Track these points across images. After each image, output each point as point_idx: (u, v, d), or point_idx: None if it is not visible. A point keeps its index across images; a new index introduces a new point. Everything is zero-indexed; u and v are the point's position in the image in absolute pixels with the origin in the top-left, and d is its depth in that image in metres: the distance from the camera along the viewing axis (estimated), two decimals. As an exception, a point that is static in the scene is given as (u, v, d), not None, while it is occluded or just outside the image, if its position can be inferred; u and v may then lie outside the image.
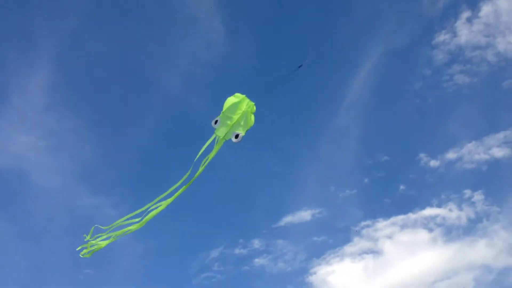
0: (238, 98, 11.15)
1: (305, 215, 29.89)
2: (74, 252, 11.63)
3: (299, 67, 11.28)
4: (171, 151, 32.15)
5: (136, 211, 11.43)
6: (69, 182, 30.46)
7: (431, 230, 28.28)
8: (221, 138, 11.13)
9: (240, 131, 10.92)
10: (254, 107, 10.98)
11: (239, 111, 11.04)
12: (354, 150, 31.71)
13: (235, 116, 11.04)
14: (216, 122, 11.24)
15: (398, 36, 31.65)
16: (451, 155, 29.27)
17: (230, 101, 11.23)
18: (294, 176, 31.73)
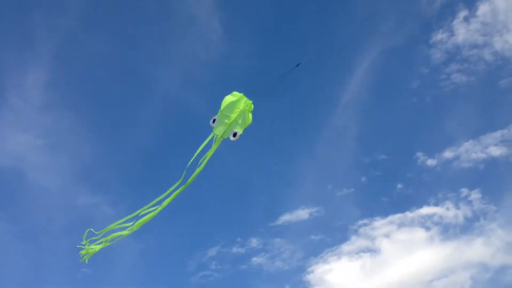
0: (236, 96, 11.15)
1: (302, 213, 29.99)
2: (73, 251, 11.66)
3: (297, 65, 11.30)
4: (169, 150, 32.22)
5: (129, 216, 11.45)
6: (67, 181, 30.49)
7: (428, 229, 28.42)
8: (219, 136, 11.15)
9: (238, 130, 10.94)
10: (251, 106, 10.99)
11: (237, 109, 11.04)
12: (351, 149, 31.83)
13: (233, 115, 11.05)
14: (214, 121, 11.25)
15: (395, 35, 31.80)
16: (448, 154, 29.42)
17: (227, 99, 11.24)
18: (292, 175, 31.84)
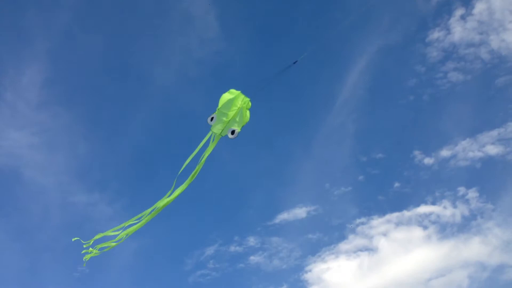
0: (233, 94, 11.10)
1: (300, 212, 29.94)
2: (69, 250, 11.64)
3: (294, 63, 11.27)
4: (166, 148, 32.09)
5: (120, 225, 11.45)
6: (63, 179, 30.32)
7: (425, 228, 28.39)
8: (217, 135, 11.10)
9: (236, 127, 10.89)
10: (249, 103, 10.94)
11: (234, 107, 11.00)
12: (348, 147, 31.77)
13: (230, 113, 11.01)
14: (212, 119, 11.20)
15: (392, 33, 31.72)
16: (445, 153, 29.40)
17: (225, 97, 11.19)
18: (289, 173, 31.76)
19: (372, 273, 28.19)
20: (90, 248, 11.40)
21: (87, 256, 11.40)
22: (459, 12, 30.07)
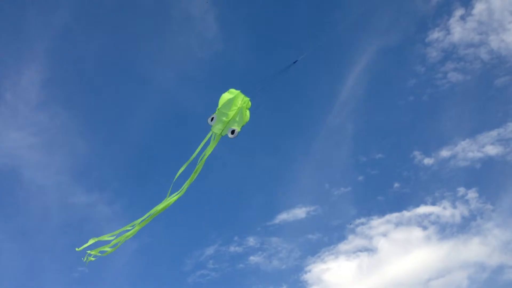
0: (233, 94, 11.09)
1: (299, 212, 29.92)
2: (68, 250, 11.62)
3: (294, 62, 11.28)
4: (165, 147, 32.07)
5: (114, 232, 11.45)
6: (63, 179, 30.29)
7: (425, 228, 28.39)
8: (217, 134, 11.09)
9: (236, 127, 10.88)
10: (249, 103, 10.94)
11: (234, 107, 10.99)
12: (348, 147, 31.77)
13: (230, 112, 11.00)
14: (212, 119, 11.19)
15: (391, 34, 31.75)
16: (445, 153, 29.41)
17: (225, 97, 11.17)
18: (289, 173, 31.73)
19: (371, 273, 28.21)
20: (89, 251, 11.38)
21: (88, 260, 11.38)
22: (459, 12, 30.15)
